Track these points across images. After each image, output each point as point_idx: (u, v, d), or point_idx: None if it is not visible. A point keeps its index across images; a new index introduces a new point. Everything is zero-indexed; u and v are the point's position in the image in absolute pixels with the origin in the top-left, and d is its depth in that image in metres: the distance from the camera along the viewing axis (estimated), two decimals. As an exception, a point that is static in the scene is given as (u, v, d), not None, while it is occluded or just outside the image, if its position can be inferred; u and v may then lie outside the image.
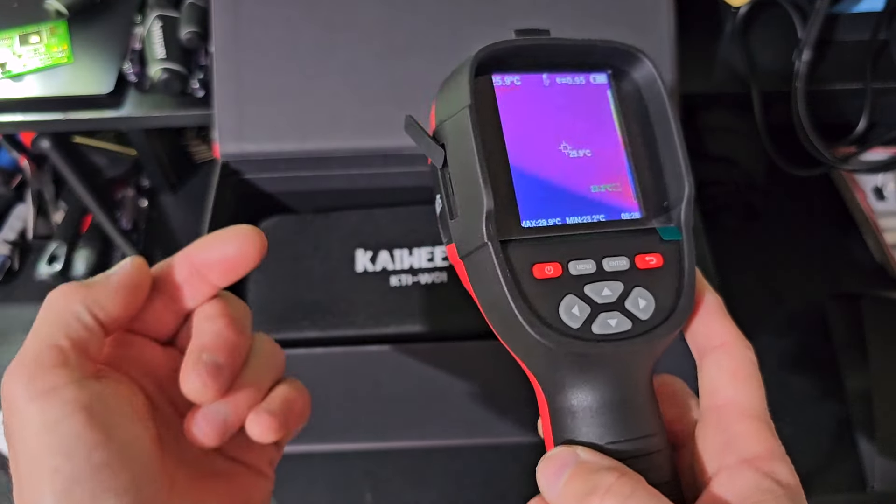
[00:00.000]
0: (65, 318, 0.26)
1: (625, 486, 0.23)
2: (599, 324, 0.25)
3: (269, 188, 0.63)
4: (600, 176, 0.28)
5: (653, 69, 0.27)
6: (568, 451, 0.25)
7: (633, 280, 0.26)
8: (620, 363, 0.25)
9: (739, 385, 0.26)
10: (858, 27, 0.66)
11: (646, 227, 0.27)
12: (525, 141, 0.27)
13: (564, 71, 0.28)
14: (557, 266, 0.26)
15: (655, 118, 0.28)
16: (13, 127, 0.66)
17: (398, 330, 0.54)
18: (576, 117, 0.28)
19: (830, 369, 0.63)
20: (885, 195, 0.70)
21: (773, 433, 0.25)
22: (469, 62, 0.26)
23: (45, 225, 0.71)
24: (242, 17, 0.59)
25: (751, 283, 0.68)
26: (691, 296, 0.26)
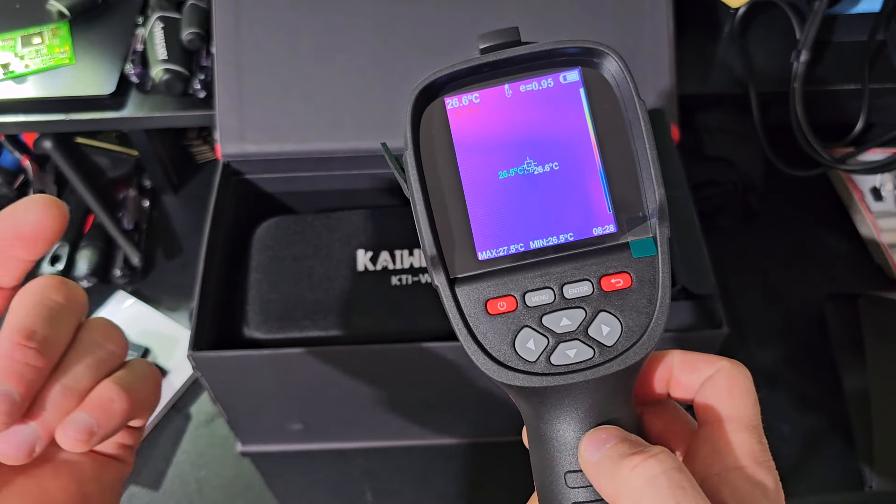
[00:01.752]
0: None
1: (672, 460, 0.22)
2: (558, 355, 0.25)
3: (270, 188, 0.63)
4: (569, 190, 0.26)
5: (621, 66, 0.26)
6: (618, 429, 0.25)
7: (597, 305, 0.25)
8: (586, 392, 0.25)
9: (735, 400, 0.26)
10: (856, 28, 0.67)
11: (618, 242, 0.26)
12: (483, 165, 0.26)
13: (529, 76, 0.26)
14: (512, 300, 0.25)
15: (629, 119, 0.26)
16: (16, 127, 0.66)
17: (398, 330, 0.54)
18: (544, 126, 0.26)
19: (828, 369, 0.63)
20: (883, 195, 0.71)
21: (764, 444, 0.25)
22: (410, 97, 0.26)
23: (47, 225, 0.72)
24: (243, 18, 0.59)
25: (749, 283, 0.68)
26: (664, 315, 0.25)
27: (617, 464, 0.23)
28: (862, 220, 0.70)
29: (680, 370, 0.27)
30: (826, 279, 0.69)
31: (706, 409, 0.26)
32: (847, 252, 0.70)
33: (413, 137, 0.26)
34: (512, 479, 0.58)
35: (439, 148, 0.26)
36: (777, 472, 0.25)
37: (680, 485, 0.21)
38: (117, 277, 0.68)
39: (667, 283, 0.25)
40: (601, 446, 0.24)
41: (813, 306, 0.67)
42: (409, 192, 0.26)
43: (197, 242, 0.55)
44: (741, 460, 0.24)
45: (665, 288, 0.25)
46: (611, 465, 0.23)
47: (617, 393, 0.25)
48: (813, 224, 0.73)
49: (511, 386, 0.25)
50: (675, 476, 0.22)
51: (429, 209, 0.25)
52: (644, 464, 0.22)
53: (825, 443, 0.60)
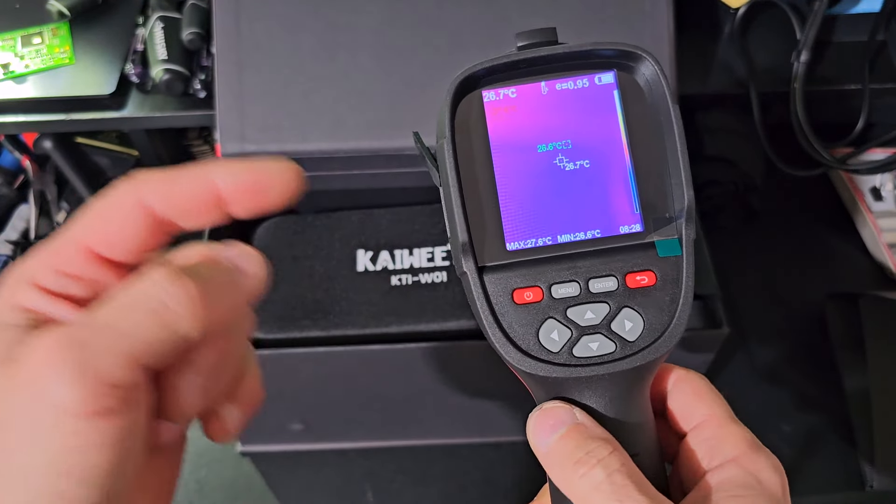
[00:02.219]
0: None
1: (614, 461, 0.23)
2: (581, 347, 0.25)
3: (270, 188, 0.63)
4: (598, 188, 0.27)
5: (657, 70, 0.26)
6: (565, 409, 0.25)
7: (621, 301, 0.26)
8: (605, 385, 0.26)
9: (708, 402, 0.27)
10: (856, 28, 0.67)
11: (644, 241, 0.26)
12: (515, 158, 0.27)
13: (566, 76, 0.27)
14: (538, 290, 0.26)
15: (660, 122, 0.27)
16: (15, 127, 0.66)
17: (398, 330, 0.54)
18: (577, 125, 0.27)
19: (829, 369, 0.63)
20: (883, 195, 0.71)
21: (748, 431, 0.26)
22: (450, 88, 0.26)
23: (47, 225, 0.72)
24: (244, 18, 0.59)
25: (750, 283, 0.68)
26: (686, 314, 0.26)
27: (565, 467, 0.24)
28: (862, 220, 0.70)
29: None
30: (827, 279, 0.69)
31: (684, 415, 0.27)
32: (848, 252, 0.70)
33: (451, 127, 0.26)
34: (512, 479, 0.58)
35: (475, 139, 0.26)
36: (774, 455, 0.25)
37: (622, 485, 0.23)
38: (117, 277, 0.67)
39: (690, 284, 0.26)
40: (550, 434, 0.25)
41: (813, 306, 0.67)
42: (442, 180, 0.26)
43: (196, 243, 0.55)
44: (739, 448, 0.25)
45: (688, 288, 0.26)
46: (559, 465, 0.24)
47: (634, 388, 0.26)
48: (813, 224, 0.73)
49: (532, 375, 0.26)
50: (618, 479, 0.23)
51: (462, 197, 0.26)
52: (590, 472, 0.23)
53: (826, 442, 0.60)
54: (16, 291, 0.22)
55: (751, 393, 0.62)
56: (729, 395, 0.66)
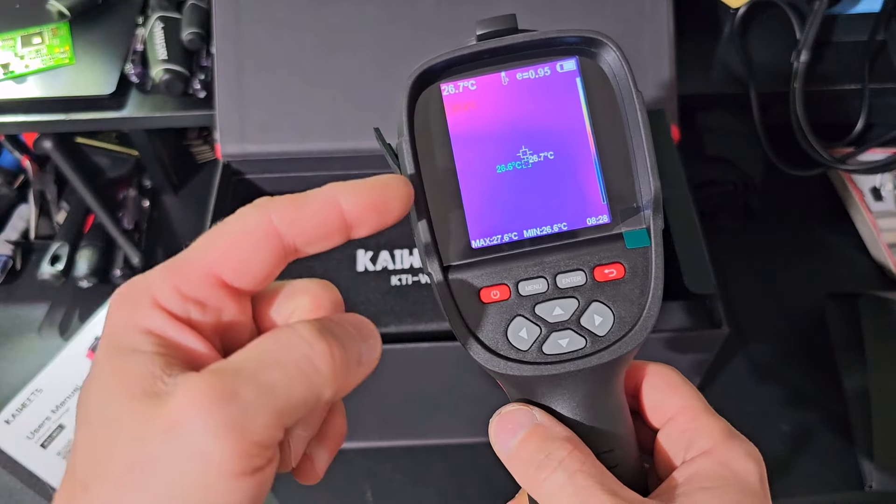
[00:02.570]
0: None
1: (574, 462, 0.23)
2: (550, 344, 0.25)
3: (270, 188, 0.63)
4: (564, 180, 0.26)
5: (618, 56, 0.25)
6: (524, 412, 0.25)
7: (590, 295, 0.25)
8: (577, 382, 0.25)
9: (681, 394, 0.27)
10: (856, 28, 0.67)
11: (612, 233, 0.26)
12: (478, 153, 0.26)
13: (526, 64, 0.26)
14: (505, 288, 0.25)
15: (625, 110, 0.26)
16: (15, 127, 0.66)
17: (398, 330, 0.54)
18: (539, 115, 0.26)
19: (828, 369, 0.63)
20: (883, 195, 0.71)
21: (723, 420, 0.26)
22: (407, 83, 0.25)
23: (47, 225, 0.72)
24: (244, 18, 0.59)
25: (749, 283, 0.68)
26: (657, 306, 0.25)
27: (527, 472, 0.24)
28: (862, 220, 0.70)
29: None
30: (826, 279, 0.69)
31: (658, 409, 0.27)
32: (847, 252, 0.70)
33: (409, 124, 0.25)
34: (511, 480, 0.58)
35: (435, 135, 0.26)
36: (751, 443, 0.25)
37: (584, 485, 0.23)
38: (117, 277, 0.68)
39: (660, 275, 0.25)
40: (510, 439, 0.25)
41: (813, 306, 0.67)
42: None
43: (197, 242, 0.55)
44: (713, 438, 0.25)
45: (658, 279, 0.25)
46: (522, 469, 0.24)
47: (607, 383, 0.26)
48: (813, 224, 0.73)
49: (502, 374, 0.25)
50: (579, 479, 0.23)
51: (422, 195, 0.25)
52: (551, 476, 0.23)
53: (825, 442, 0.60)
54: (139, 311, 0.22)
55: (750, 393, 0.62)
56: (727, 393, 0.66)
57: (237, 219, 0.22)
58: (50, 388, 0.62)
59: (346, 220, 0.23)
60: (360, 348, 0.23)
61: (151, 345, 0.21)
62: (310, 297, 0.25)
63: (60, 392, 0.61)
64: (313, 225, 0.22)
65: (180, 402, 0.19)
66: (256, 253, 0.22)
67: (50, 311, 0.68)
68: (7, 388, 0.62)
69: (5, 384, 0.63)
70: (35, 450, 0.59)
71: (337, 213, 0.22)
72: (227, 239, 0.22)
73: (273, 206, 0.22)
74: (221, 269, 0.22)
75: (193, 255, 0.22)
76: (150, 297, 0.22)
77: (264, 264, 0.22)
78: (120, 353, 0.21)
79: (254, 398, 0.19)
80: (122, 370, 0.20)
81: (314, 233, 0.23)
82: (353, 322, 0.23)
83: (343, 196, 0.23)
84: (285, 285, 0.25)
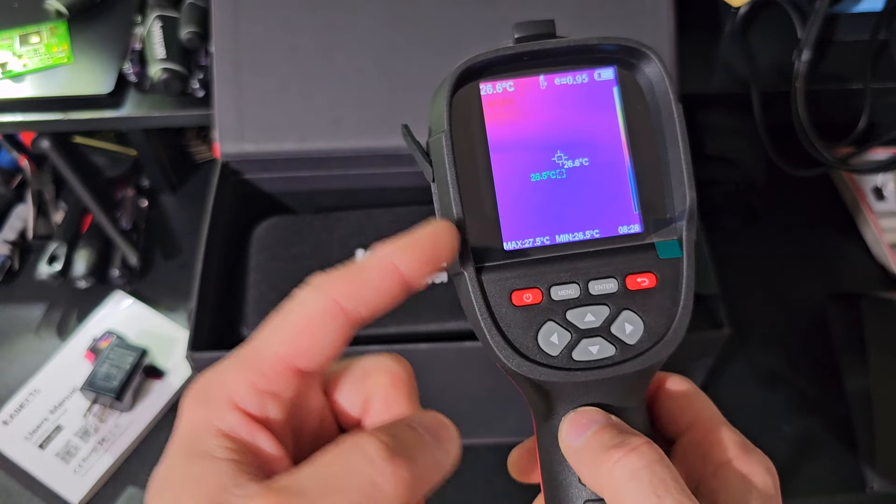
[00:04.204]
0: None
1: (654, 452, 0.22)
2: (580, 350, 0.25)
3: (269, 188, 0.63)
4: (598, 187, 0.26)
5: (661, 67, 0.26)
6: (600, 412, 0.25)
7: (621, 303, 0.25)
8: (604, 390, 0.25)
9: (696, 406, 0.26)
10: (858, 27, 0.66)
11: (644, 242, 0.26)
12: (514, 154, 0.26)
13: (565, 70, 0.26)
14: (537, 292, 0.25)
15: (661, 121, 0.26)
16: (13, 127, 0.66)
17: (397, 330, 0.54)
18: (576, 121, 0.26)
19: (830, 369, 0.63)
20: (885, 195, 0.70)
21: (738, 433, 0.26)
22: (449, 79, 0.25)
23: (45, 225, 0.71)
24: (242, 17, 0.59)
25: (751, 283, 0.68)
26: (687, 317, 0.25)
27: (599, 455, 0.23)
28: (864, 220, 0.70)
29: None
30: (828, 279, 0.68)
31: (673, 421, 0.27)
32: (849, 252, 0.70)
33: (448, 120, 0.25)
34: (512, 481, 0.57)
35: (471, 134, 0.26)
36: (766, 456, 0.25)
37: (661, 478, 0.22)
38: (115, 278, 0.67)
39: (690, 286, 0.25)
40: (583, 432, 0.24)
41: (815, 306, 0.66)
42: (438, 176, 0.25)
43: (195, 242, 0.55)
44: (730, 452, 0.25)
45: (689, 290, 0.25)
46: (593, 455, 0.23)
47: (632, 393, 0.25)
48: (815, 224, 0.72)
49: (530, 379, 0.25)
50: (657, 469, 0.22)
51: (459, 195, 0.25)
52: (626, 457, 0.22)
53: (826, 443, 0.59)
54: (216, 411, 0.21)
55: (751, 393, 0.62)
56: (729, 395, 0.66)
57: (300, 304, 0.22)
58: (48, 389, 0.61)
59: (405, 280, 0.23)
60: (436, 457, 0.22)
61: (225, 451, 0.21)
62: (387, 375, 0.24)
63: (58, 393, 0.61)
64: (376, 296, 0.22)
65: None
66: (328, 335, 0.22)
67: (48, 311, 0.67)
68: (5, 388, 0.62)
69: (3, 385, 0.62)
70: (33, 450, 0.58)
71: (397, 278, 0.22)
72: (296, 327, 0.22)
73: (333, 285, 0.22)
74: (295, 357, 0.22)
75: (265, 347, 0.22)
76: (227, 397, 0.22)
77: (336, 344, 0.22)
78: (195, 456, 0.21)
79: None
80: (195, 477, 0.20)
81: (378, 302, 0.22)
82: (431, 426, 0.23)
83: (398, 259, 0.22)
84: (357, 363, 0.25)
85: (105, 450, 0.58)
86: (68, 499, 0.56)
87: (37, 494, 0.57)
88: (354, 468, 0.20)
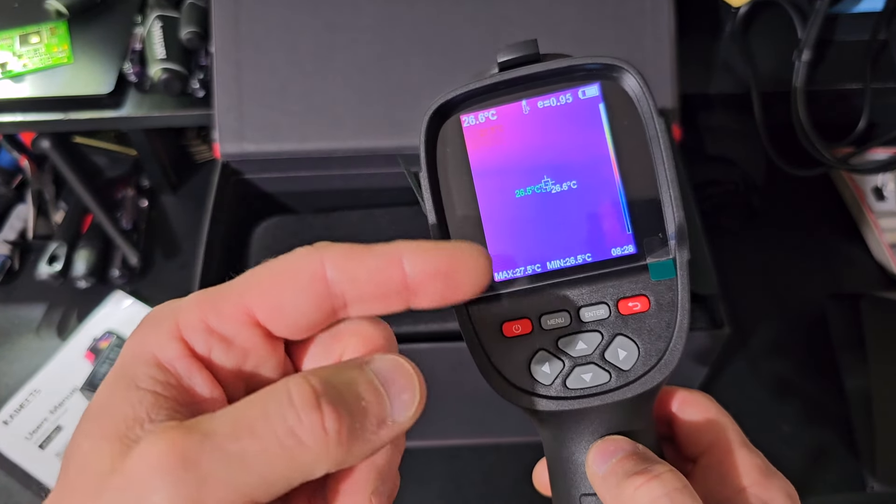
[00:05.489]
0: None
1: (677, 480, 0.22)
2: (574, 379, 0.24)
3: (269, 188, 0.63)
4: (587, 210, 0.25)
5: (640, 83, 0.25)
6: (627, 441, 0.24)
7: (614, 329, 0.25)
8: (602, 417, 0.25)
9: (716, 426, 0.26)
10: (858, 27, 0.66)
11: (637, 264, 0.25)
12: (498, 185, 0.25)
13: (548, 92, 0.26)
14: (527, 322, 0.25)
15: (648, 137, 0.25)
16: (13, 127, 0.66)
17: (398, 330, 0.53)
18: (561, 144, 0.26)
19: (830, 369, 0.63)
20: (885, 195, 0.71)
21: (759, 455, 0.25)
22: (425, 117, 0.25)
23: (45, 225, 0.71)
24: (243, 17, 0.59)
25: (751, 283, 0.68)
26: (682, 340, 0.24)
27: (622, 481, 0.22)
28: (864, 220, 0.70)
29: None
30: (828, 279, 0.68)
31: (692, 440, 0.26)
32: (849, 252, 0.70)
33: (428, 157, 0.25)
34: (512, 481, 0.57)
35: (455, 166, 0.25)
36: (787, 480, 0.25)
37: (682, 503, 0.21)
38: (115, 277, 0.67)
39: (686, 307, 0.25)
40: (608, 459, 0.23)
41: (815, 306, 0.66)
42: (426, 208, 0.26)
43: (195, 242, 0.55)
44: (751, 476, 0.24)
45: (684, 311, 0.25)
46: (616, 481, 0.23)
47: (634, 416, 0.25)
48: (815, 224, 0.72)
49: (526, 409, 0.25)
50: (677, 498, 0.21)
51: (444, 230, 0.25)
52: (648, 485, 0.22)
53: (826, 443, 0.59)
54: (157, 337, 0.20)
55: (751, 393, 0.62)
56: (729, 395, 0.66)
57: (287, 256, 0.20)
58: (48, 389, 0.61)
59: (406, 283, 0.20)
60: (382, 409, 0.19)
61: (150, 381, 0.19)
62: (359, 337, 0.21)
63: (58, 393, 0.61)
64: (368, 280, 0.20)
65: (139, 460, 0.17)
66: (297, 296, 0.20)
67: (48, 311, 0.67)
68: (5, 388, 0.62)
69: (3, 385, 0.62)
70: (33, 450, 0.58)
71: (398, 273, 0.20)
72: (268, 275, 0.20)
73: (328, 249, 0.20)
74: (256, 306, 0.20)
75: (230, 288, 0.20)
76: (174, 324, 0.20)
77: (304, 311, 0.20)
78: (119, 383, 0.19)
79: (216, 470, 0.17)
80: (111, 404, 0.19)
81: (368, 289, 0.20)
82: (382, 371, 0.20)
83: (407, 255, 0.20)
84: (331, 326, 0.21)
85: (105, 450, 0.58)
86: (68, 499, 0.56)
87: (37, 494, 0.57)
88: (273, 412, 0.18)
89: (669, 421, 0.27)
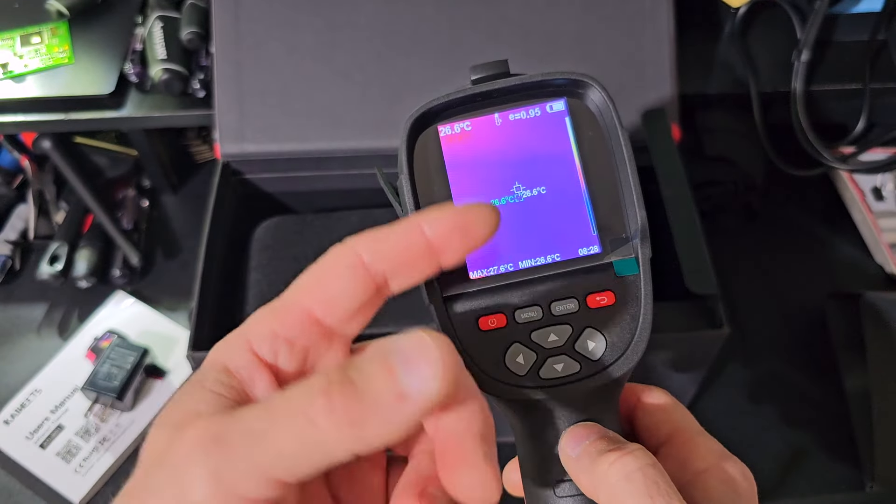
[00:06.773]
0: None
1: (648, 457, 0.23)
2: (546, 369, 0.26)
3: (269, 188, 0.63)
4: (556, 213, 0.27)
5: (604, 96, 0.27)
6: (599, 427, 0.25)
7: (583, 321, 0.26)
8: (574, 405, 0.26)
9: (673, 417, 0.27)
10: (857, 28, 0.67)
11: (602, 262, 0.27)
12: (473, 189, 0.27)
13: (518, 105, 0.28)
14: (502, 317, 0.27)
15: (611, 145, 0.27)
16: (14, 127, 0.66)
17: (398, 330, 0.54)
18: (531, 153, 0.28)
19: (829, 369, 0.63)
20: (884, 195, 0.71)
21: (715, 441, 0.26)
22: (406, 125, 0.27)
23: (46, 225, 0.72)
24: (243, 17, 0.59)
25: (750, 283, 0.68)
26: (647, 331, 0.26)
27: (595, 460, 0.24)
28: (863, 220, 0.70)
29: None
30: (827, 279, 0.69)
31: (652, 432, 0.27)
32: (848, 252, 0.70)
33: (408, 163, 0.27)
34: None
35: (433, 173, 0.27)
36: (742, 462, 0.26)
37: (654, 480, 0.22)
38: (116, 277, 0.67)
39: (649, 301, 0.26)
40: (581, 441, 0.25)
41: (814, 306, 0.66)
42: (403, 214, 0.27)
43: (196, 242, 0.55)
44: (708, 460, 0.25)
45: (647, 305, 0.26)
46: (589, 460, 0.24)
47: (603, 404, 0.26)
48: (814, 224, 0.73)
49: (501, 399, 0.26)
50: (650, 472, 0.23)
51: None
52: (621, 460, 0.23)
53: (826, 442, 0.60)
54: (230, 351, 0.22)
55: (751, 393, 0.62)
56: (729, 395, 0.66)
57: (325, 257, 0.23)
58: (49, 389, 0.61)
59: (430, 243, 0.22)
60: (396, 385, 0.19)
61: (216, 383, 0.21)
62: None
63: (59, 392, 0.61)
64: (397, 251, 0.22)
65: (183, 441, 0.20)
66: (344, 284, 0.22)
67: (49, 311, 0.67)
68: (6, 388, 0.62)
69: (4, 384, 0.62)
70: (34, 450, 0.58)
71: (421, 238, 0.22)
72: (315, 276, 0.23)
73: (357, 239, 0.22)
74: (312, 304, 0.22)
75: (286, 297, 0.23)
76: (245, 339, 0.22)
77: (352, 295, 0.22)
78: (191, 384, 0.22)
79: (240, 446, 0.19)
80: (179, 401, 0.21)
81: (399, 259, 0.22)
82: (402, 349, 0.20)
83: (425, 220, 0.22)
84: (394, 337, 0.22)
85: (106, 449, 0.59)
86: (69, 498, 0.56)
87: (38, 494, 0.57)
88: (293, 396, 0.19)
89: (631, 417, 0.28)
